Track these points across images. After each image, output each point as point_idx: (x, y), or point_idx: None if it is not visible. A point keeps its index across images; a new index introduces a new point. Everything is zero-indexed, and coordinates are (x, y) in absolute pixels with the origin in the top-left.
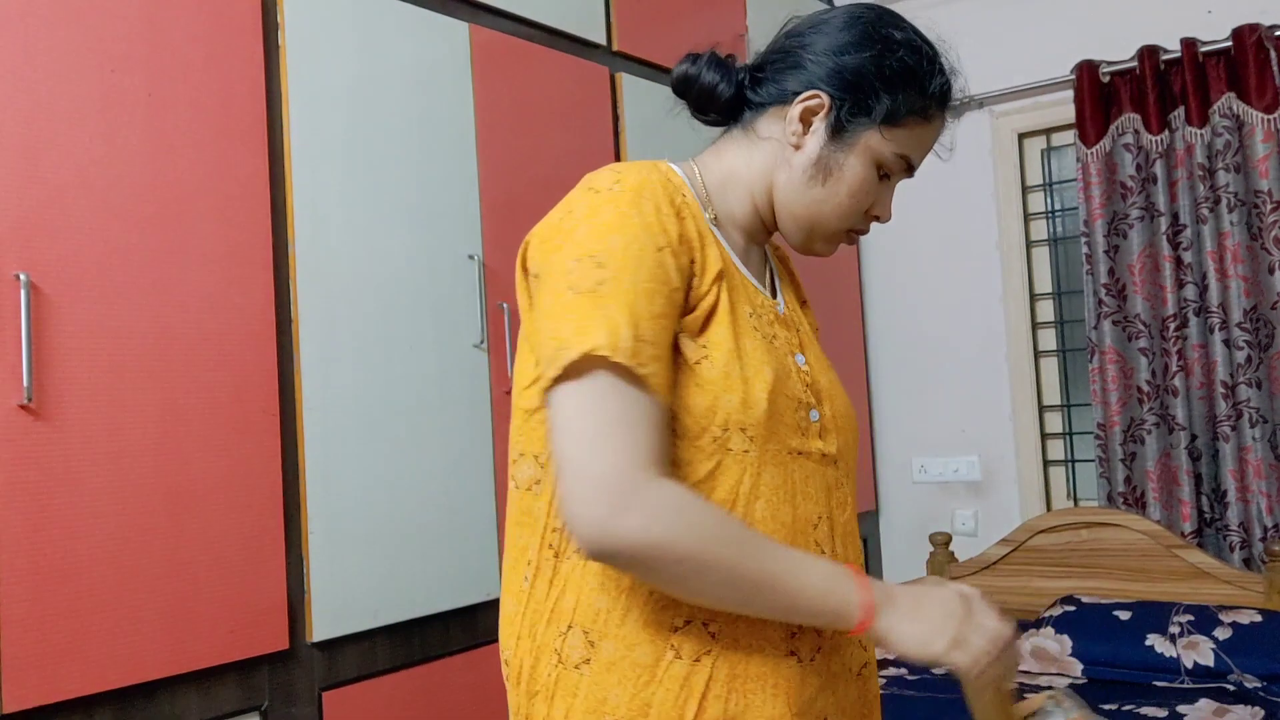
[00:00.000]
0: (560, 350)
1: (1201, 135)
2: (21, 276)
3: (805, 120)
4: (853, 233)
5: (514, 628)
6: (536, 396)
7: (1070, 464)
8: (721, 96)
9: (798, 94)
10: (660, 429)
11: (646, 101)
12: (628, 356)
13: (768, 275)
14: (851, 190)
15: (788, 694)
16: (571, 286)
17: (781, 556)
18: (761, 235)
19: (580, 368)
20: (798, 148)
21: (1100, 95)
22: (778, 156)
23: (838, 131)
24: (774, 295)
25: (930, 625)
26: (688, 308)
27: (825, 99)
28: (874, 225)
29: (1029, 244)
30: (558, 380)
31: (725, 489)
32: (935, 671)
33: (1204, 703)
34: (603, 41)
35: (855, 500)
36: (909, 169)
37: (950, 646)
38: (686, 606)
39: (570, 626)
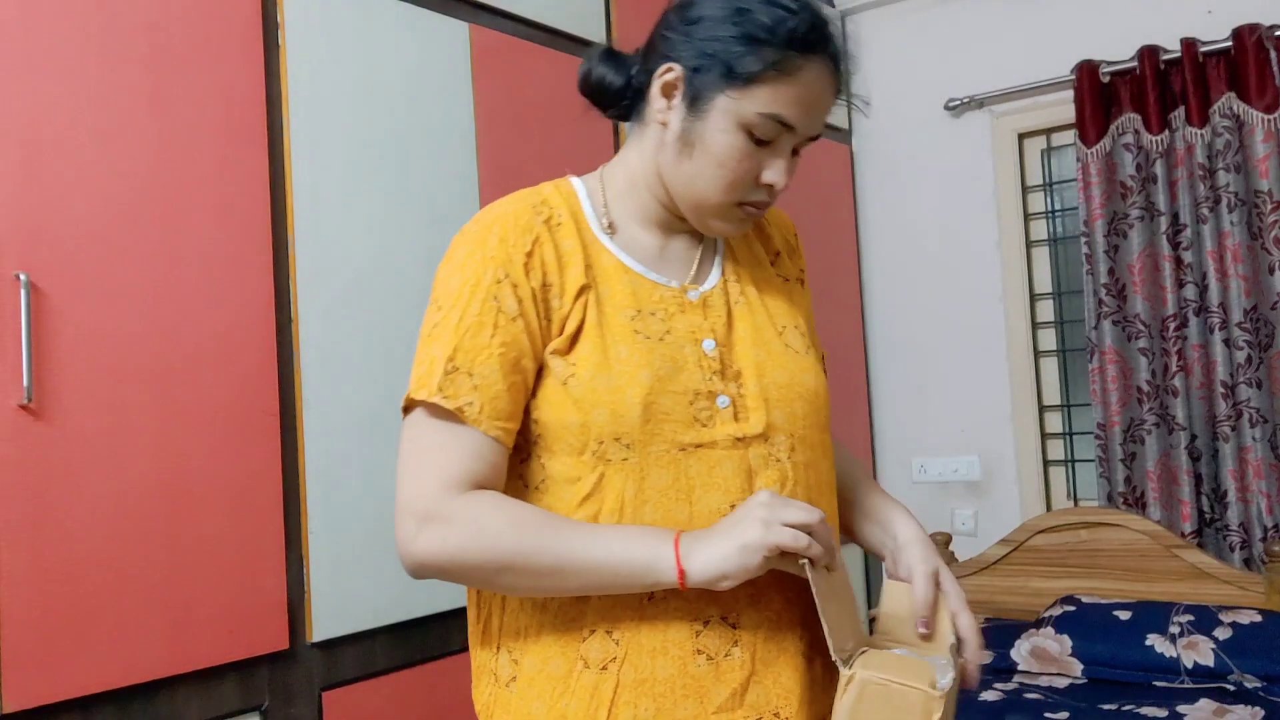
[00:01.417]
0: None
1: (1202, 135)
2: (21, 276)
3: (667, 95)
4: (749, 206)
5: (471, 648)
6: None
7: (1070, 464)
8: (611, 87)
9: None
10: (473, 451)
11: None
12: (431, 393)
13: (699, 257)
14: (719, 160)
15: (700, 693)
16: (421, 334)
17: (582, 535)
18: (679, 223)
19: (408, 410)
20: (665, 124)
21: (1100, 95)
22: (658, 138)
23: (694, 101)
24: (706, 274)
25: (728, 537)
26: (553, 330)
27: (679, 70)
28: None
29: (1029, 244)
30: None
31: (612, 499)
32: None
33: (1204, 703)
34: (603, 41)
35: (808, 472)
36: (789, 129)
37: (759, 540)
38: (591, 616)
39: (499, 647)
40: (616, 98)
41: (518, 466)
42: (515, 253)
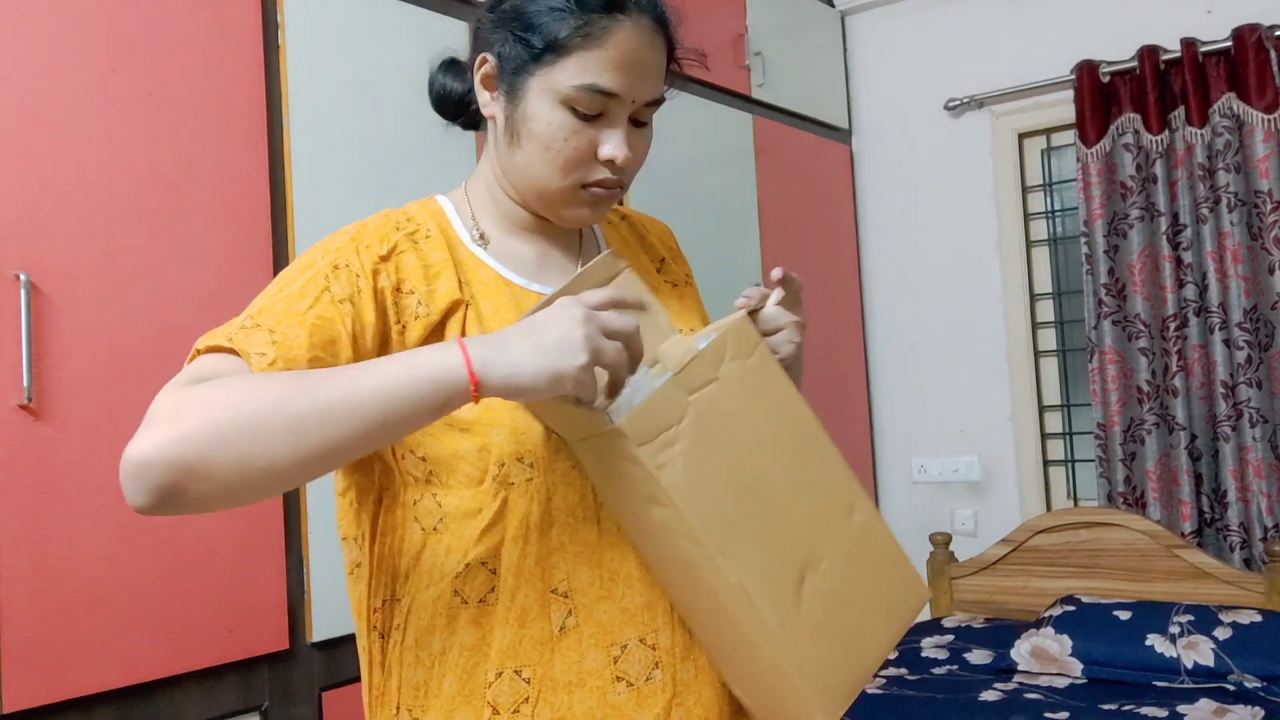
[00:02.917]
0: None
1: (1202, 135)
2: (21, 276)
3: (489, 88)
4: (594, 187)
5: (366, 715)
6: (340, 478)
7: (1070, 464)
8: (453, 96)
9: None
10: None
11: None
12: (217, 341)
13: (580, 265)
14: (544, 141)
15: None
16: None
17: (349, 370)
18: (549, 226)
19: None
20: (493, 118)
21: (1100, 95)
22: (493, 135)
23: (511, 87)
24: None
25: (538, 333)
26: (410, 337)
27: (492, 59)
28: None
29: (1029, 244)
30: None
31: (515, 525)
32: (935, 671)
33: (1204, 703)
34: None
35: None
36: (614, 97)
37: (591, 357)
38: (496, 656)
39: (398, 708)
40: (461, 106)
41: (411, 509)
42: (366, 253)
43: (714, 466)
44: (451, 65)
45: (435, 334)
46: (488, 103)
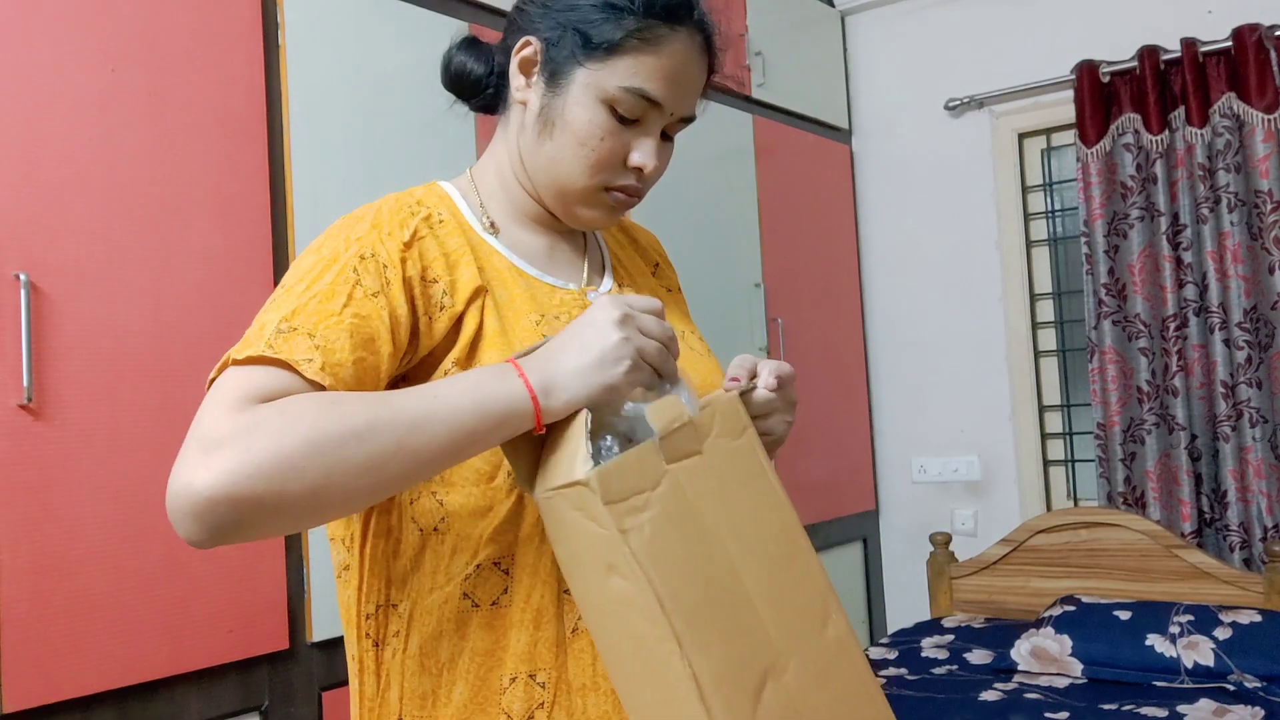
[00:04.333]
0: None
1: (1202, 135)
2: (21, 276)
3: (525, 72)
4: (616, 191)
5: None
6: None
7: (1070, 464)
8: (472, 75)
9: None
10: (295, 389)
11: None
12: (261, 348)
13: (586, 260)
14: (580, 138)
15: None
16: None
17: (417, 390)
18: (557, 221)
19: (221, 374)
20: (525, 104)
21: (1100, 95)
22: (520, 120)
23: (553, 76)
24: (598, 281)
25: (582, 350)
26: (438, 328)
27: (536, 44)
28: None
29: (1029, 244)
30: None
31: (530, 522)
32: (935, 671)
33: (1204, 703)
34: None
35: None
36: (655, 106)
37: (634, 360)
38: (510, 662)
39: (400, 719)
40: (478, 87)
41: (407, 508)
42: (390, 240)
43: (684, 544)
44: (472, 44)
45: (457, 324)
46: (522, 87)
